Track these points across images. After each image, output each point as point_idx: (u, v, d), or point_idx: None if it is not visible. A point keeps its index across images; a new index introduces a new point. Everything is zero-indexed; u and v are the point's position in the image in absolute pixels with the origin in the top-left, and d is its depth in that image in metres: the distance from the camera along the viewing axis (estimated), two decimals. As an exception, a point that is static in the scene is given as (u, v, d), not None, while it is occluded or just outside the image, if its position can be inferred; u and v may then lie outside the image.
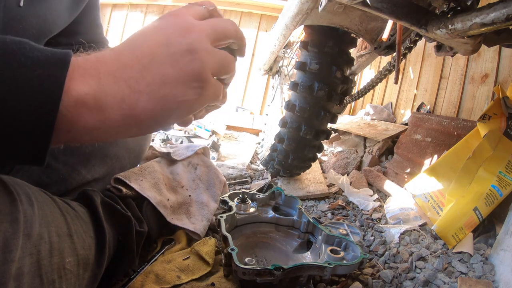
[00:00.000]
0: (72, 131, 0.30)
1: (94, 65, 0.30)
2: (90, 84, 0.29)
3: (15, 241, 0.34)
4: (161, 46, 0.34)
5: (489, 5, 0.44)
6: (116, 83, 0.31)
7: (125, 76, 0.31)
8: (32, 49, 0.28)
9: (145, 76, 0.32)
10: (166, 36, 0.35)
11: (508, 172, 0.86)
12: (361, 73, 2.48)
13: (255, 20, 2.88)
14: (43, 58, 0.28)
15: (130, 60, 0.32)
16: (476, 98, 1.35)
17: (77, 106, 0.29)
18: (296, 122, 1.05)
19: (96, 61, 0.31)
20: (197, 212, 0.84)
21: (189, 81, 0.34)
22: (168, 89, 0.33)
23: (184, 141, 1.86)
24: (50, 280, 0.39)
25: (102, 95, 0.30)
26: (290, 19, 0.85)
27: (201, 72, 0.35)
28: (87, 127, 0.30)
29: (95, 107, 0.30)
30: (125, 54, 0.33)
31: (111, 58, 0.32)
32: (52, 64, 0.28)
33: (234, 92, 2.90)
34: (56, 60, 0.28)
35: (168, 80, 0.33)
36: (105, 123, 0.30)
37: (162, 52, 0.33)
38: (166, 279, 0.64)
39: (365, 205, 1.11)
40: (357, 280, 0.71)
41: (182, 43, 0.34)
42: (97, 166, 0.72)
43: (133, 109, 0.31)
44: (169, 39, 0.34)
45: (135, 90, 0.31)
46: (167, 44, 0.34)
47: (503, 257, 0.73)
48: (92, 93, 0.29)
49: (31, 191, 0.41)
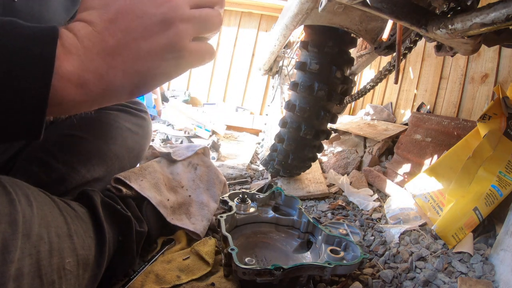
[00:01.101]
0: (62, 104, 0.32)
1: (75, 42, 0.32)
2: (73, 63, 0.31)
3: (14, 241, 0.34)
4: (136, 19, 0.34)
5: (489, 5, 0.44)
6: (95, 60, 0.32)
7: (103, 53, 0.33)
8: (23, 27, 0.30)
9: (121, 51, 0.33)
10: (141, 6, 0.34)
11: (508, 172, 0.86)
12: (361, 73, 2.48)
13: (255, 20, 2.88)
14: (33, 35, 0.30)
15: (106, 35, 0.33)
16: (476, 98, 1.34)
17: (64, 82, 0.31)
18: (296, 122, 1.05)
19: (77, 38, 0.32)
20: (197, 212, 0.84)
21: (163, 54, 0.35)
22: (142, 63, 0.34)
23: (184, 141, 1.86)
24: (50, 281, 0.39)
25: (84, 73, 0.32)
26: (290, 19, 0.85)
27: (175, 42, 0.35)
28: (74, 100, 0.32)
29: (79, 83, 0.32)
30: (102, 28, 0.33)
31: (90, 35, 0.33)
32: (43, 41, 0.30)
33: (234, 92, 2.90)
34: (46, 37, 0.30)
35: (142, 55, 0.34)
36: (89, 96, 0.33)
37: (136, 26, 0.34)
38: (166, 279, 0.64)
39: (365, 205, 1.11)
40: (357, 280, 0.71)
41: (156, 14, 0.34)
42: (97, 166, 0.72)
43: (112, 84, 0.34)
44: (143, 10, 0.34)
45: (112, 66, 0.33)
46: (142, 16, 0.34)
47: (503, 257, 0.73)
48: (75, 71, 0.32)
49: (30, 191, 0.41)
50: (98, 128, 0.75)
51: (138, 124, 0.86)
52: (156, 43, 0.34)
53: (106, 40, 0.33)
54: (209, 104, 2.83)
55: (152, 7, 0.34)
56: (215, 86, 2.91)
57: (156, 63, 0.35)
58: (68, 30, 0.33)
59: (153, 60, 0.35)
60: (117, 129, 0.79)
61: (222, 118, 2.46)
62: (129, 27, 0.33)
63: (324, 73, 0.98)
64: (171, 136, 1.89)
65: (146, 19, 0.34)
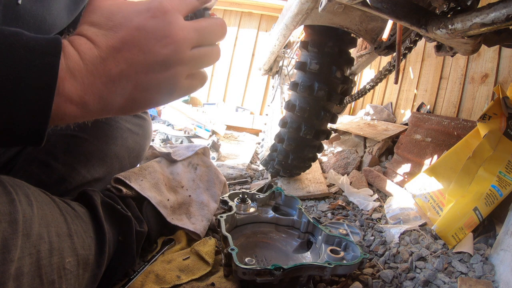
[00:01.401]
0: (63, 118, 0.35)
1: (78, 65, 0.34)
2: (76, 86, 0.34)
3: (14, 241, 0.34)
4: (140, 54, 0.36)
5: (489, 5, 0.44)
6: (97, 84, 0.35)
7: (105, 79, 0.35)
8: (29, 39, 0.31)
9: (121, 80, 0.36)
10: (147, 42, 0.35)
11: (508, 172, 0.86)
12: (361, 73, 2.48)
13: (255, 20, 2.88)
14: (38, 47, 0.31)
15: (110, 63, 0.35)
16: (476, 98, 1.34)
17: (66, 102, 0.33)
18: (296, 122, 1.05)
19: (81, 59, 0.34)
20: (197, 212, 0.84)
21: (159, 88, 0.38)
22: (139, 93, 0.37)
23: (184, 141, 1.86)
24: (50, 280, 0.39)
25: (85, 95, 0.34)
26: (290, 19, 0.85)
27: (172, 81, 0.38)
28: (74, 116, 0.35)
29: (79, 103, 0.34)
30: (107, 54, 0.35)
31: (94, 59, 0.34)
32: (47, 53, 0.31)
33: (234, 92, 2.90)
34: (50, 50, 0.32)
35: (140, 86, 0.37)
36: (87, 113, 0.36)
37: (139, 60, 0.36)
38: (166, 279, 0.64)
39: (365, 205, 1.11)
40: (357, 280, 0.71)
41: (160, 54, 0.36)
42: (97, 166, 0.72)
43: (110, 105, 0.37)
44: (149, 47, 0.36)
45: (111, 91, 0.36)
46: (147, 52, 0.36)
47: (503, 257, 0.73)
48: (77, 93, 0.34)
49: (31, 191, 0.41)
50: (98, 128, 0.75)
51: (138, 124, 0.86)
52: (155, 79, 0.37)
53: (110, 67, 0.35)
54: (209, 104, 2.83)
55: (157, 46, 0.36)
56: (215, 86, 2.91)
57: (152, 94, 0.38)
58: (73, 46, 0.34)
59: (149, 92, 0.38)
60: (117, 129, 0.79)
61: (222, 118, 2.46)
62: (133, 60, 0.35)
63: (324, 73, 0.98)
64: (171, 136, 1.89)
65: (150, 57, 0.36)
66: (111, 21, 0.35)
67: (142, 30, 0.35)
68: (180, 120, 2.12)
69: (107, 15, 0.36)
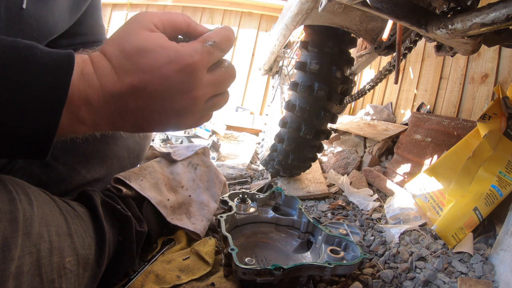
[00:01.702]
0: (72, 134, 0.37)
1: (97, 96, 0.35)
2: (91, 113, 0.35)
3: (15, 240, 0.34)
4: (159, 99, 0.37)
5: (489, 5, 0.44)
6: (111, 114, 0.37)
7: (121, 112, 0.37)
8: (42, 54, 0.32)
9: (135, 114, 0.38)
10: (169, 91, 0.36)
11: (508, 172, 0.86)
12: (361, 73, 2.48)
13: (255, 20, 2.88)
14: (52, 63, 0.32)
15: (129, 99, 0.36)
16: (476, 98, 1.34)
17: (79, 123, 0.35)
18: (296, 122, 1.05)
19: (102, 90, 0.35)
20: (197, 212, 0.84)
21: (169, 124, 0.41)
22: (148, 125, 0.40)
23: (184, 141, 1.86)
24: (50, 279, 0.39)
25: (99, 120, 0.37)
26: (290, 19, 0.85)
27: (184, 123, 0.41)
28: (83, 132, 0.37)
29: (91, 125, 0.37)
30: (127, 91, 0.36)
31: (113, 94, 0.35)
32: (59, 70, 0.32)
33: (234, 92, 2.90)
34: (63, 67, 0.32)
35: (151, 122, 0.39)
36: (97, 130, 0.39)
37: (157, 104, 0.37)
38: (166, 279, 0.64)
39: (365, 205, 1.11)
40: (357, 280, 0.71)
41: (178, 104, 0.38)
42: (97, 166, 0.72)
43: (119, 128, 0.40)
44: (169, 95, 0.37)
45: (125, 120, 0.38)
46: (166, 99, 0.37)
47: (503, 257, 0.73)
48: (92, 117, 0.36)
49: (31, 191, 0.41)
50: None
51: (139, 124, 0.86)
52: (166, 119, 0.39)
53: (128, 103, 0.36)
54: (209, 104, 2.82)
55: (177, 97, 0.37)
56: (215, 86, 2.91)
57: (161, 128, 0.41)
58: (96, 72, 0.35)
59: (159, 126, 0.41)
60: (117, 129, 0.79)
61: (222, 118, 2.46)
62: (151, 102, 0.37)
63: (324, 73, 0.98)
64: (171, 136, 1.89)
65: (167, 104, 0.37)
66: (141, 59, 0.35)
67: (168, 81, 0.36)
68: (180, 120, 2.11)
69: (139, 50, 0.35)
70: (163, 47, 0.36)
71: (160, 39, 0.36)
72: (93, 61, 0.35)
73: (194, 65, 0.37)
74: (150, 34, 0.36)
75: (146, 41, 0.36)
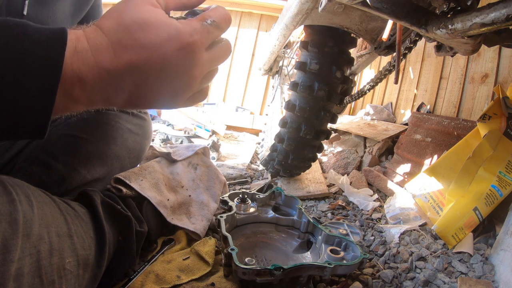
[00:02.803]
0: (67, 111, 0.36)
1: (92, 74, 0.34)
2: (85, 91, 0.34)
3: (15, 241, 0.34)
4: (157, 77, 0.36)
5: (489, 5, 0.44)
6: (106, 90, 0.36)
7: (115, 87, 0.36)
8: (34, 31, 0.31)
9: (131, 90, 0.37)
10: (167, 69, 0.36)
11: (508, 172, 0.86)
12: (361, 73, 2.48)
13: (255, 20, 2.88)
14: (44, 39, 0.31)
15: (125, 77, 0.35)
16: (476, 98, 1.34)
17: (73, 102, 0.35)
18: (296, 122, 1.05)
19: (97, 68, 0.34)
20: (197, 212, 0.84)
21: (164, 102, 0.41)
22: (143, 103, 0.39)
23: (184, 141, 1.86)
24: (50, 281, 0.39)
25: (93, 96, 0.35)
26: (290, 19, 0.85)
27: (178, 99, 0.41)
28: (78, 110, 0.37)
29: (86, 103, 0.36)
30: (124, 69, 0.35)
31: (112, 70, 0.34)
32: (52, 46, 0.31)
33: (234, 92, 2.90)
34: (55, 42, 0.31)
35: (147, 102, 0.39)
36: (92, 107, 0.37)
37: (154, 80, 0.36)
38: (166, 279, 0.64)
39: (365, 205, 1.11)
40: (357, 280, 0.71)
41: (174, 82, 0.38)
42: (97, 166, 0.72)
43: (114, 104, 0.39)
44: (166, 74, 0.36)
45: (119, 96, 0.37)
46: (163, 78, 0.37)
47: (503, 257, 0.73)
48: (85, 95, 0.35)
49: (31, 191, 0.41)
50: (98, 128, 0.75)
51: (139, 124, 0.86)
52: (161, 95, 0.39)
53: (124, 80, 0.35)
54: (209, 104, 2.82)
55: (175, 76, 0.37)
56: (215, 86, 2.91)
57: (153, 104, 0.40)
58: (90, 48, 0.33)
59: (152, 103, 0.40)
60: (118, 129, 0.79)
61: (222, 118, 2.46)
62: (149, 79, 0.36)
63: (324, 73, 0.98)
64: (171, 136, 1.89)
65: (165, 83, 0.37)
66: (142, 33, 0.34)
67: (167, 60, 0.35)
68: (180, 120, 2.12)
69: (140, 24, 0.34)
70: (165, 23, 0.35)
71: (162, 15, 0.35)
72: (88, 37, 0.34)
73: (194, 44, 0.36)
74: (152, 8, 0.35)
75: (148, 15, 0.34)
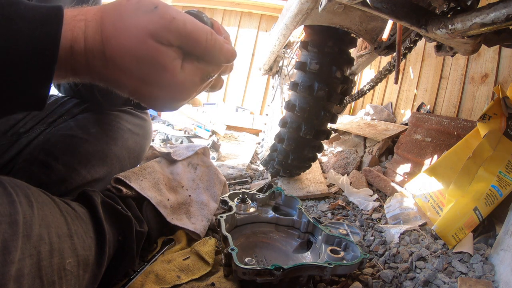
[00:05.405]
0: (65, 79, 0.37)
1: (81, 49, 0.34)
2: (78, 77, 0.37)
3: (15, 242, 0.34)
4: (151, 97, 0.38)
5: (489, 5, 0.44)
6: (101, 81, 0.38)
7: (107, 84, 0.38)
8: (27, 9, 0.31)
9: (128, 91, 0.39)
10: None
11: (508, 172, 0.86)
12: (361, 73, 2.48)
13: (255, 20, 2.88)
14: (39, 16, 0.31)
15: (114, 81, 0.37)
16: (476, 98, 1.34)
17: (71, 77, 0.36)
18: (296, 122, 1.05)
19: (85, 49, 0.34)
20: (197, 212, 0.84)
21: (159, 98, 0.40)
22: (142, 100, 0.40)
23: (184, 141, 1.86)
24: (50, 281, 0.39)
25: (92, 74, 0.37)
26: (290, 19, 0.85)
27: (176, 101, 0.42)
28: (77, 79, 0.37)
29: (86, 73, 0.36)
30: (113, 80, 0.37)
31: (101, 53, 0.35)
32: (47, 23, 0.31)
33: (234, 92, 2.90)
34: (51, 19, 0.31)
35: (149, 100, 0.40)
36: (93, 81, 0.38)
37: (148, 98, 0.39)
38: (166, 279, 0.64)
39: (365, 205, 1.11)
40: (357, 280, 0.71)
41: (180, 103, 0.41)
42: (97, 167, 0.72)
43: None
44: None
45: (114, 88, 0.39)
46: (159, 98, 0.38)
47: (503, 257, 0.73)
48: (84, 72, 0.36)
49: (31, 192, 0.41)
50: (98, 129, 0.75)
51: (139, 124, 0.86)
52: (160, 99, 0.39)
53: (118, 83, 0.37)
54: (209, 104, 2.82)
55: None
56: (215, 86, 2.91)
57: (154, 104, 0.41)
58: (85, 36, 0.34)
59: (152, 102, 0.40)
60: (118, 130, 0.79)
61: (222, 118, 2.46)
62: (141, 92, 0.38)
63: (324, 73, 0.98)
64: (171, 136, 1.89)
65: (161, 96, 0.39)
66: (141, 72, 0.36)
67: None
68: (180, 120, 2.12)
69: (138, 61, 0.36)
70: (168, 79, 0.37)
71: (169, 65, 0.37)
72: (87, 37, 0.34)
73: (189, 92, 0.39)
74: (160, 48, 0.35)
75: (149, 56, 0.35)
